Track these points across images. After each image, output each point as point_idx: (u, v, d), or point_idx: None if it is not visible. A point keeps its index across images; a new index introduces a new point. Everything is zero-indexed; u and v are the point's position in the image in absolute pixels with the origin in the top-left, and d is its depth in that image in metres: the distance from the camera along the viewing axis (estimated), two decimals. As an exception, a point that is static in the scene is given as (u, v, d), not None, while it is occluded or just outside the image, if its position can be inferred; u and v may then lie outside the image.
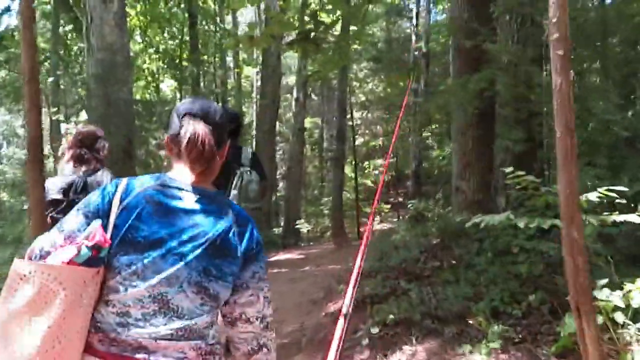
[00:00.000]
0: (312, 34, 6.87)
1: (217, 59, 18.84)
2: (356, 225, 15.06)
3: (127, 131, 6.63)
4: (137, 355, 1.39)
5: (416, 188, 16.28)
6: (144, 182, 1.52)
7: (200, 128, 1.49)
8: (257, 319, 1.58)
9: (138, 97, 15.97)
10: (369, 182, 20.34)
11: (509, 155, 5.83)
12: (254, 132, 16.88)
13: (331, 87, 22.61)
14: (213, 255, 1.48)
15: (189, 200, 1.51)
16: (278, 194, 19.58)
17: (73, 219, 1.49)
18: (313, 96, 26.45)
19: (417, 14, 18.28)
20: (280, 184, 20.76)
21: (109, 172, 3.30)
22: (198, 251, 1.46)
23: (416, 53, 16.78)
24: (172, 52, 16.92)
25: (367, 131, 25.01)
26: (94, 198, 1.52)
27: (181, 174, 1.55)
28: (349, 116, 16.48)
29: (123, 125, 6.60)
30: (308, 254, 11.57)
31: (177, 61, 16.47)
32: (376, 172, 21.15)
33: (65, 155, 3.29)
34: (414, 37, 17.68)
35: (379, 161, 22.40)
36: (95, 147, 3.32)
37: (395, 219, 17.23)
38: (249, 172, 3.57)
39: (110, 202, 1.48)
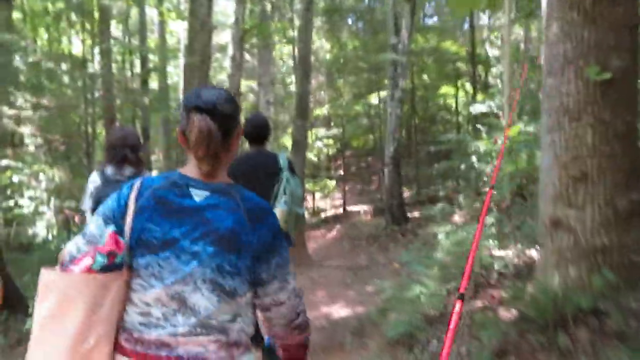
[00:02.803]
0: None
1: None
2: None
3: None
4: (160, 353, 1.47)
5: (394, 177, 11.63)
6: (154, 182, 1.56)
7: (205, 125, 1.50)
8: (289, 298, 1.63)
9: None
10: (311, 156, 18.28)
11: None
12: (180, 96, 14.29)
13: (268, 45, 20.18)
14: (226, 250, 1.50)
15: (199, 197, 1.53)
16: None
17: (94, 224, 1.58)
18: (247, 56, 23.80)
19: None
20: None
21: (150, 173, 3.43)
22: (210, 248, 1.49)
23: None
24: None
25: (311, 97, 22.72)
26: (110, 201, 1.59)
27: (193, 169, 1.57)
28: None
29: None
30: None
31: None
32: (320, 144, 19.11)
33: (107, 155, 3.34)
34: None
35: (322, 130, 20.36)
36: (137, 148, 3.37)
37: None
38: (292, 177, 3.53)
39: (126, 204, 1.54)
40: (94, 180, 3.37)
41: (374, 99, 18.60)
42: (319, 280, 7.98)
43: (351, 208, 18.70)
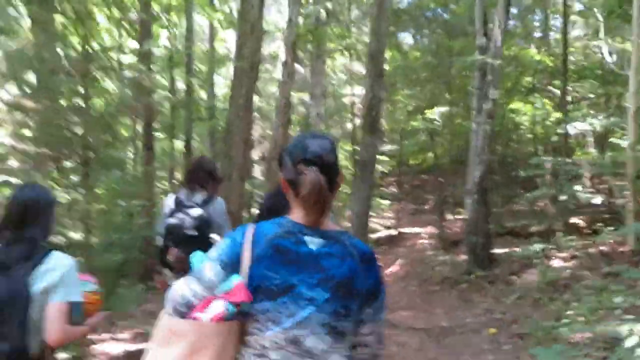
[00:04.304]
0: None
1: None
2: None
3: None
4: None
5: (480, 209, 8.82)
6: (269, 231, 1.62)
7: (317, 179, 1.58)
8: (375, 343, 1.69)
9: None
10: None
11: None
12: (226, 106, 13.27)
13: (319, 53, 19.06)
14: (342, 297, 1.57)
15: (313, 244, 1.60)
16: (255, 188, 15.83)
17: (210, 270, 1.61)
18: (299, 68, 22.80)
19: None
20: (259, 175, 17.20)
21: (222, 199, 3.57)
22: (327, 294, 1.56)
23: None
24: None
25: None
26: (225, 247, 1.64)
27: (301, 216, 1.63)
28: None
29: None
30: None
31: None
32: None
33: (185, 179, 3.63)
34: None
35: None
36: (214, 174, 3.56)
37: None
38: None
39: (241, 252, 1.60)
40: (169, 204, 3.55)
41: (433, 113, 17.13)
42: (387, 347, 5.96)
43: (405, 230, 17.28)
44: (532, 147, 15.78)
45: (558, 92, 14.79)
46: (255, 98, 23.33)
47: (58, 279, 2.16)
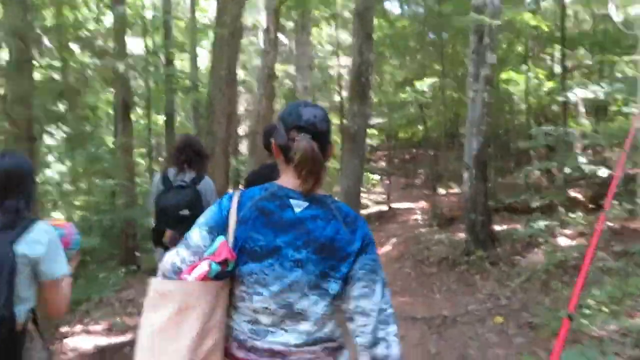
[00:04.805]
0: None
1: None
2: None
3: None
4: None
5: (478, 184, 8.21)
6: (254, 194, 1.64)
7: (309, 147, 1.58)
8: (373, 312, 1.60)
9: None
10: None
11: None
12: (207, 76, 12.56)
13: (304, 23, 18.25)
14: (328, 257, 1.58)
15: (298, 207, 1.61)
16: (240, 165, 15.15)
17: (197, 235, 1.64)
18: (283, 39, 21.97)
19: None
20: (244, 150, 16.54)
21: (209, 178, 3.62)
22: (313, 256, 1.57)
23: None
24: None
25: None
26: (212, 213, 1.66)
27: (290, 181, 1.64)
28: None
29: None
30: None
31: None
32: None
33: (170, 159, 3.70)
34: None
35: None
36: (202, 153, 3.61)
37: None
38: None
39: (227, 216, 1.61)
40: (157, 183, 3.61)
41: (423, 85, 16.52)
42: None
43: (396, 205, 16.84)
44: (523, 118, 15.31)
45: (549, 59, 14.25)
46: (241, 72, 22.47)
47: (44, 251, 2.13)
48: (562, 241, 7.27)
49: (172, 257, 1.63)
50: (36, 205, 2.68)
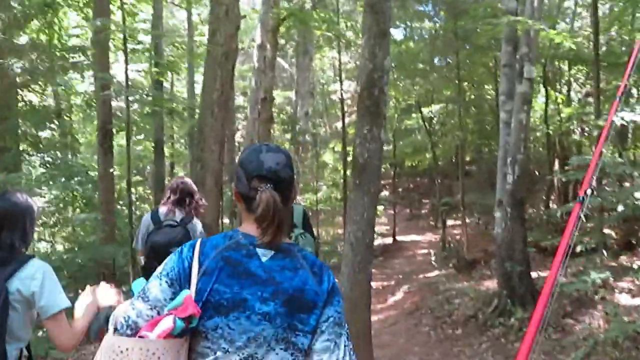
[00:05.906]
0: None
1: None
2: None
3: None
4: None
5: (515, 225, 6.93)
6: (218, 243, 1.55)
7: (271, 200, 1.50)
8: None
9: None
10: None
11: None
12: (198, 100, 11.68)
13: (305, 50, 17.51)
14: (296, 309, 1.49)
15: (265, 257, 1.53)
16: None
17: (156, 288, 1.50)
18: (281, 62, 21.22)
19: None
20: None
21: (198, 220, 3.68)
22: (281, 309, 1.48)
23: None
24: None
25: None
26: (171, 263, 1.54)
27: (253, 229, 1.55)
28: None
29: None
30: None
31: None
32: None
33: (166, 198, 3.70)
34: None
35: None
36: (195, 198, 3.70)
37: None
38: (303, 236, 3.59)
39: (190, 267, 1.50)
40: (147, 222, 3.73)
41: (432, 110, 15.71)
42: None
43: (402, 238, 15.90)
44: (540, 145, 14.47)
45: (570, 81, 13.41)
46: (240, 98, 21.60)
47: (39, 286, 2.13)
48: (623, 298, 5.90)
49: (127, 310, 1.49)
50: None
